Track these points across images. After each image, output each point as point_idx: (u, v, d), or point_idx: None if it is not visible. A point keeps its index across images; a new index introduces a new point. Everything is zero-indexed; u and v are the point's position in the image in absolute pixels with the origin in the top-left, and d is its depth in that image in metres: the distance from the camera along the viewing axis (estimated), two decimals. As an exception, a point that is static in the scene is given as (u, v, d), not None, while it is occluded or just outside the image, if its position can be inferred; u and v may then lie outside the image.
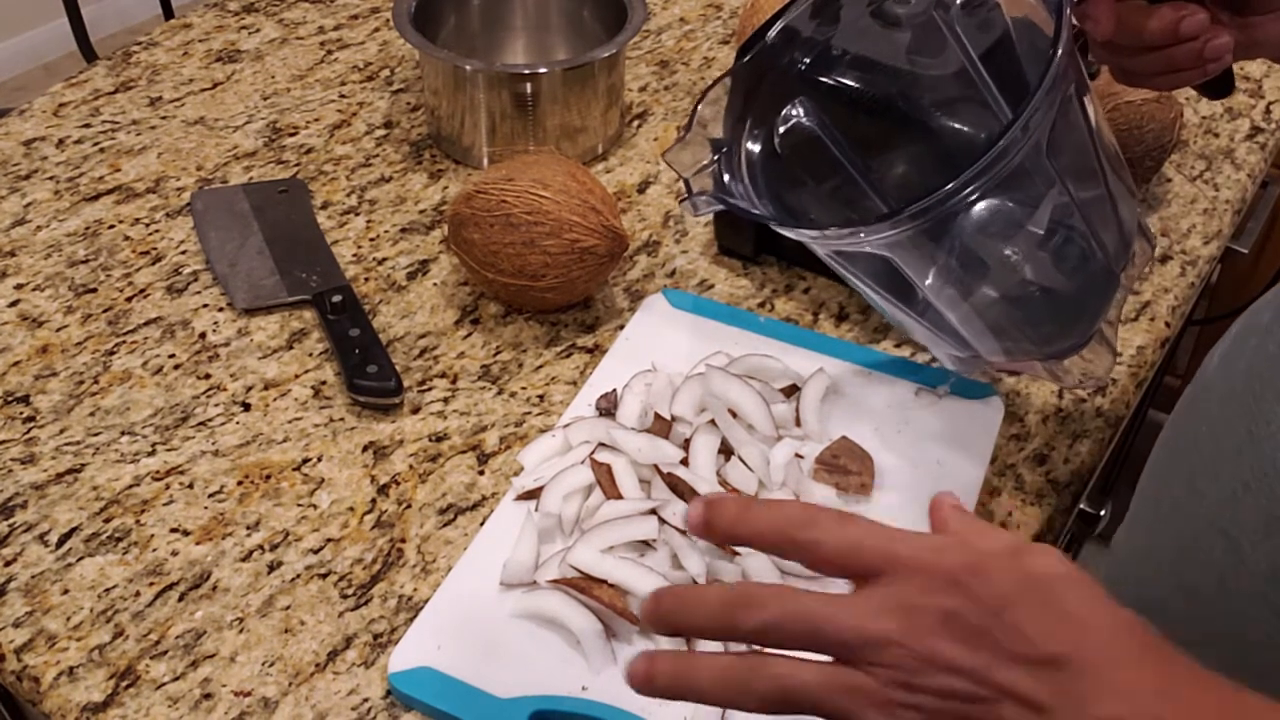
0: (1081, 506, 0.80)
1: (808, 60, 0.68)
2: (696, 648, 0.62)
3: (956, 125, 0.67)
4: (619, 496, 0.69)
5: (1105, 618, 0.39)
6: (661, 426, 0.73)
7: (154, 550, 0.71)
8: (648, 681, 0.42)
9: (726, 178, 0.62)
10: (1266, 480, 0.47)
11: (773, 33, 0.67)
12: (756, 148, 0.65)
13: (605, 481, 0.70)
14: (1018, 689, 0.38)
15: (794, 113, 0.67)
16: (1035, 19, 0.57)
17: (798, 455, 0.72)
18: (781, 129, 0.66)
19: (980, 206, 0.55)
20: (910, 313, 0.65)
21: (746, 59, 0.67)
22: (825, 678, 0.39)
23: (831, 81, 0.68)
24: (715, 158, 0.62)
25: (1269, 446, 0.48)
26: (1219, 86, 0.61)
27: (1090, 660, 0.37)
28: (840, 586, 0.42)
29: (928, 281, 0.60)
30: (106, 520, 0.72)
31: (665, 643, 0.63)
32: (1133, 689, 0.37)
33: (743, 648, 0.45)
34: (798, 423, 0.75)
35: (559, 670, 0.63)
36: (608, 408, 0.76)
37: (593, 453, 0.72)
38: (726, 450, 0.73)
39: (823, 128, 0.68)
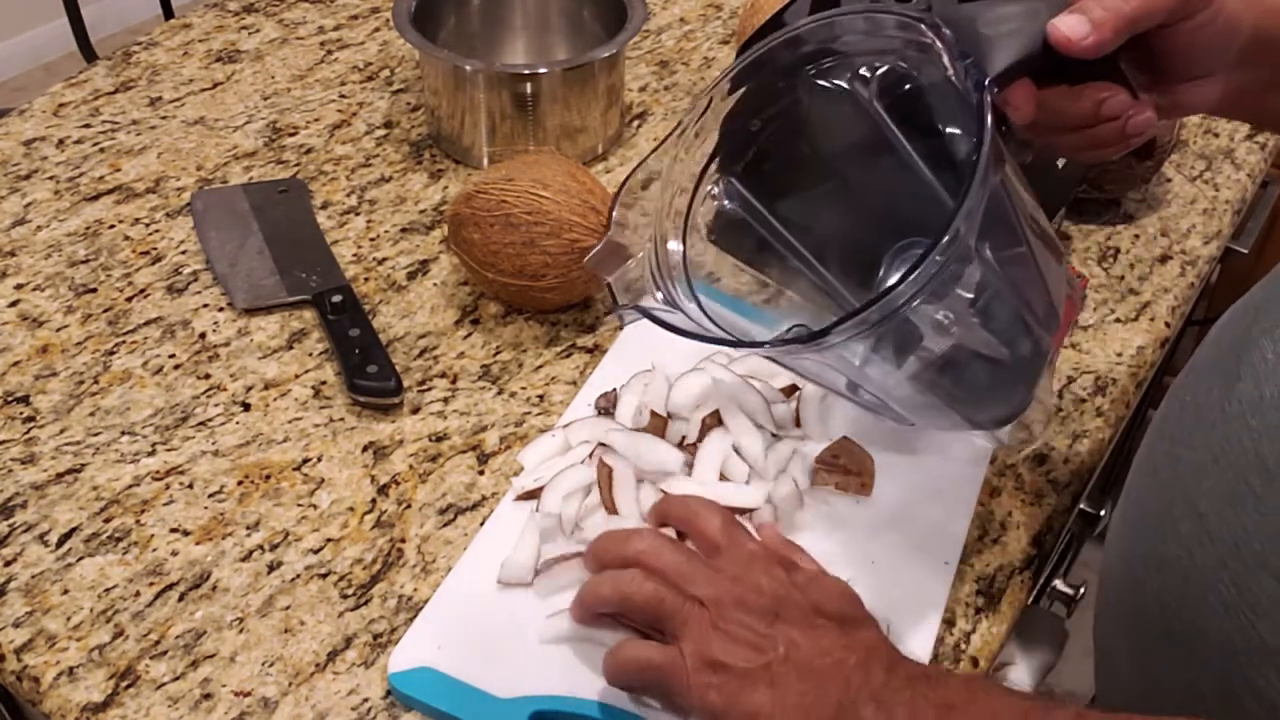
0: (1081, 506, 0.80)
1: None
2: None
3: (887, 185, 0.66)
4: (613, 505, 0.69)
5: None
6: (657, 424, 0.73)
7: (154, 550, 0.71)
8: (577, 606, 0.63)
9: (657, 293, 0.61)
10: (1232, 454, 0.49)
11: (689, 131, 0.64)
12: (676, 246, 0.64)
13: (604, 485, 0.70)
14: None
15: (714, 191, 0.65)
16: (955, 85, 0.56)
17: (796, 453, 0.72)
18: (705, 218, 0.65)
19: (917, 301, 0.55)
20: (851, 397, 0.65)
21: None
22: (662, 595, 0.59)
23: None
24: (640, 256, 0.61)
25: (1237, 424, 0.49)
26: (1140, 150, 0.61)
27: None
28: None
29: (864, 371, 0.61)
30: (106, 520, 0.72)
31: None
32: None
33: None
34: (797, 422, 0.75)
35: (559, 670, 0.63)
36: (607, 407, 0.76)
37: (593, 452, 0.72)
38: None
39: (746, 208, 0.66)
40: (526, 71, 0.98)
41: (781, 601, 0.58)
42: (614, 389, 0.77)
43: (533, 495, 0.71)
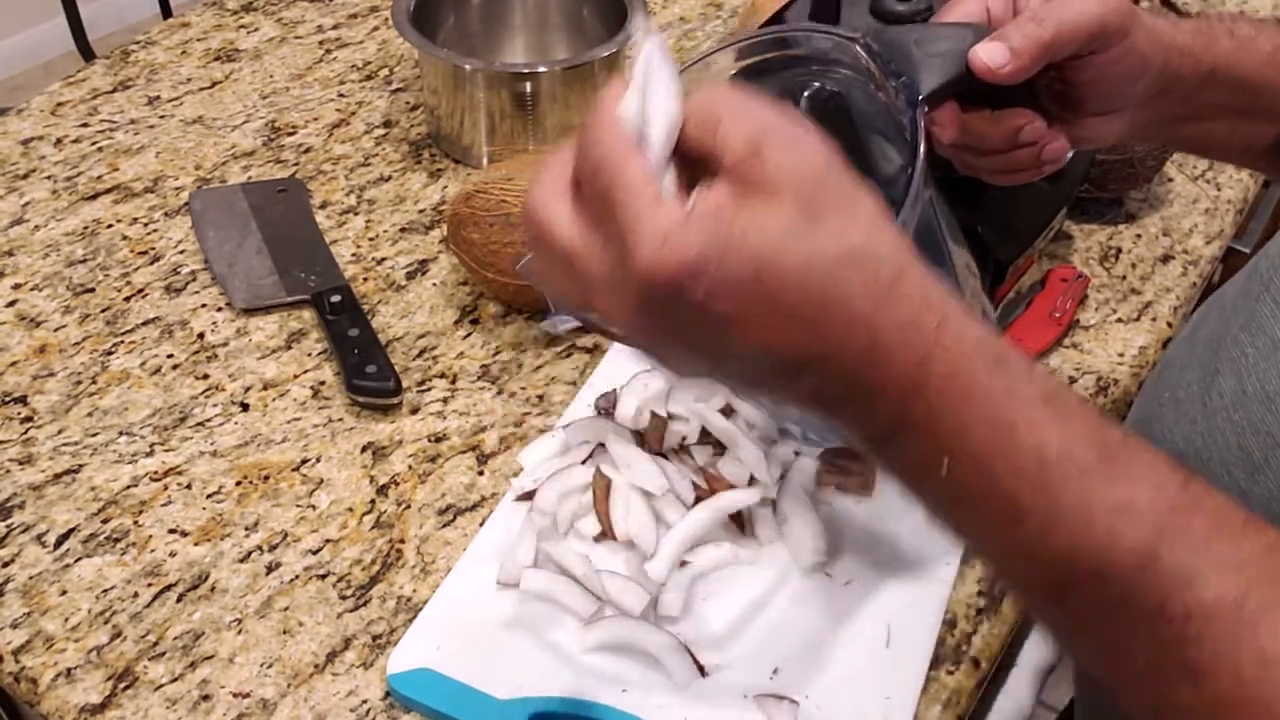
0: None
1: None
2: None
3: None
4: (608, 516, 0.68)
5: (848, 301, 0.38)
6: (658, 424, 0.73)
7: (152, 551, 0.70)
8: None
9: None
10: (1214, 448, 0.50)
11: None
12: None
13: (600, 497, 0.69)
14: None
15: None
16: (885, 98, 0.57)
17: (796, 454, 0.72)
18: None
19: None
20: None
21: None
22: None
23: None
24: None
25: (1219, 418, 0.50)
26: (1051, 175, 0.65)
27: (820, 361, 0.38)
28: None
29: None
30: (104, 521, 0.72)
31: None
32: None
33: None
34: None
35: (558, 672, 0.63)
36: (607, 408, 0.76)
37: (590, 457, 0.72)
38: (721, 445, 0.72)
39: None
40: (526, 71, 0.97)
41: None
42: (614, 389, 0.77)
43: (532, 496, 0.71)
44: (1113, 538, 0.37)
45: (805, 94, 0.61)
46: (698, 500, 0.69)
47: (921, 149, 0.51)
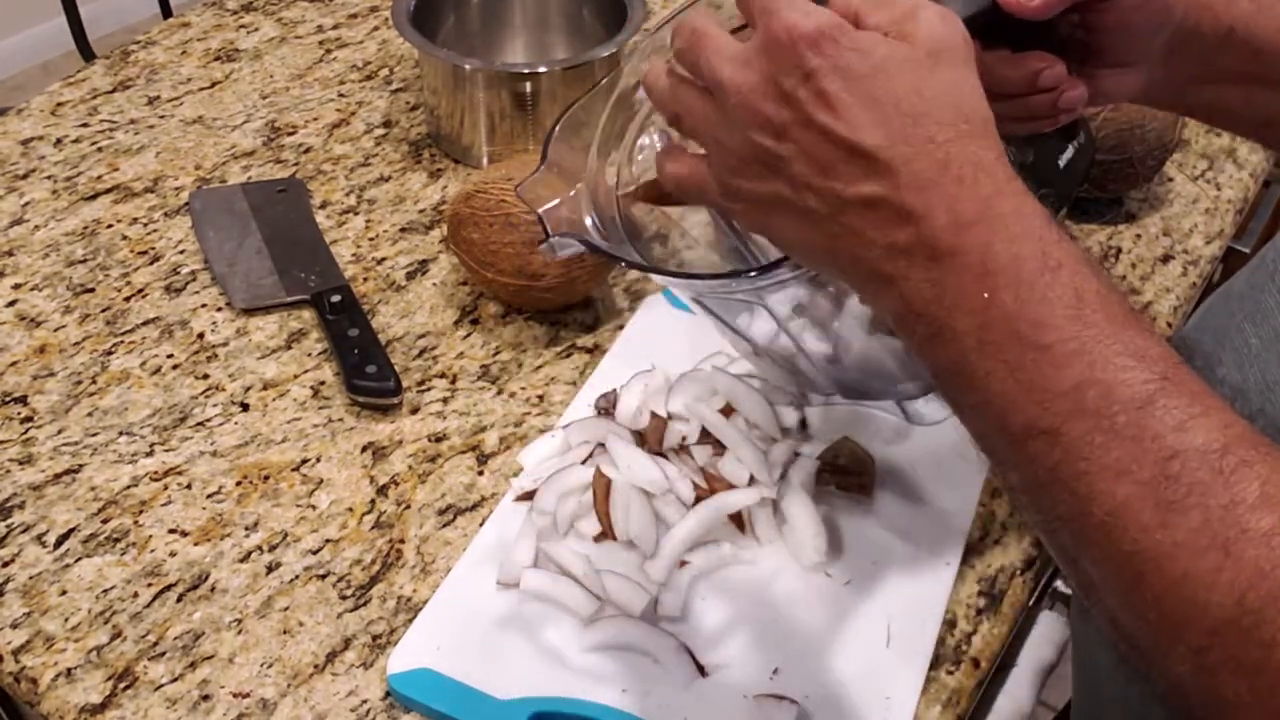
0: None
1: None
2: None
3: None
4: (608, 517, 0.69)
5: (936, 125, 0.43)
6: (658, 424, 0.73)
7: (152, 551, 0.70)
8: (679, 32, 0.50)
9: (588, 219, 0.61)
10: None
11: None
12: (614, 180, 0.64)
13: (600, 496, 0.69)
14: (811, 153, 0.44)
15: (647, 142, 0.66)
16: None
17: (796, 454, 0.72)
18: (639, 156, 0.65)
19: None
20: (774, 357, 0.66)
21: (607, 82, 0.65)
22: (693, 96, 0.49)
23: None
24: (571, 193, 0.61)
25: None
26: (1065, 129, 0.66)
27: (893, 166, 0.43)
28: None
29: (793, 326, 0.63)
30: (104, 521, 0.72)
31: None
32: (924, 210, 0.42)
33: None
34: (802, 424, 0.75)
35: (559, 672, 0.63)
36: (607, 408, 0.76)
37: (590, 457, 0.72)
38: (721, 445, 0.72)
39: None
40: (526, 70, 0.97)
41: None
42: (614, 389, 0.77)
43: (532, 496, 0.71)
44: (1124, 374, 0.40)
45: None
46: (698, 500, 0.69)
47: None
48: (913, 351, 0.45)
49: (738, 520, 0.70)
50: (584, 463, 0.71)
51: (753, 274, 0.54)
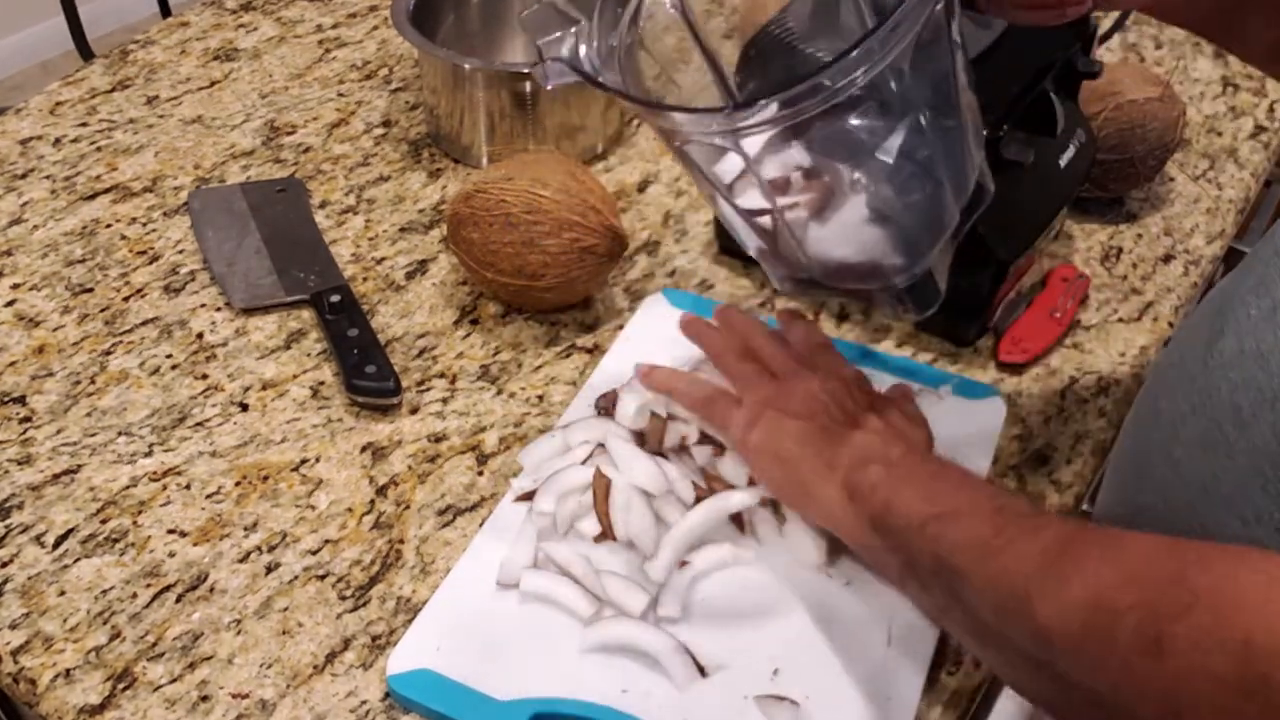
0: (1085, 508, 0.80)
1: None
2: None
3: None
4: (608, 517, 0.68)
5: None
6: (657, 425, 0.73)
7: (151, 551, 0.70)
8: (648, 375, 0.73)
9: (583, 49, 0.61)
10: (1209, 404, 0.53)
11: None
12: (617, 31, 0.64)
13: (600, 496, 0.69)
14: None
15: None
16: None
17: None
18: (644, 20, 0.66)
19: (838, 124, 0.56)
20: (757, 226, 0.67)
21: None
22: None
23: None
24: (573, 30, 0.61)
25: (1217, 375, 0.53)
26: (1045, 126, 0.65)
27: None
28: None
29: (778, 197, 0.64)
30: (103, 521, 0.72)
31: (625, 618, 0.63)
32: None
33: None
34: None
35: (558, 672, 0.63)
36: (607, 407, 0.76)
37: (590, 457, 0.71)
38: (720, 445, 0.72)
39: (689, 23, 0.69)
40: (526, 70, 0.97)
41: (838, 396, 0.68)
42: (614, 389, 0.77)
43: (532, 496, 0.71)
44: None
45: None
46: (698, 500, 0.69)
47: None
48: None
49: (738, 521, 0.70)
50: (583, 463, 0.71)
51: (730, 109, 0.55)
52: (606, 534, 0.68)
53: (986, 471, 0.74)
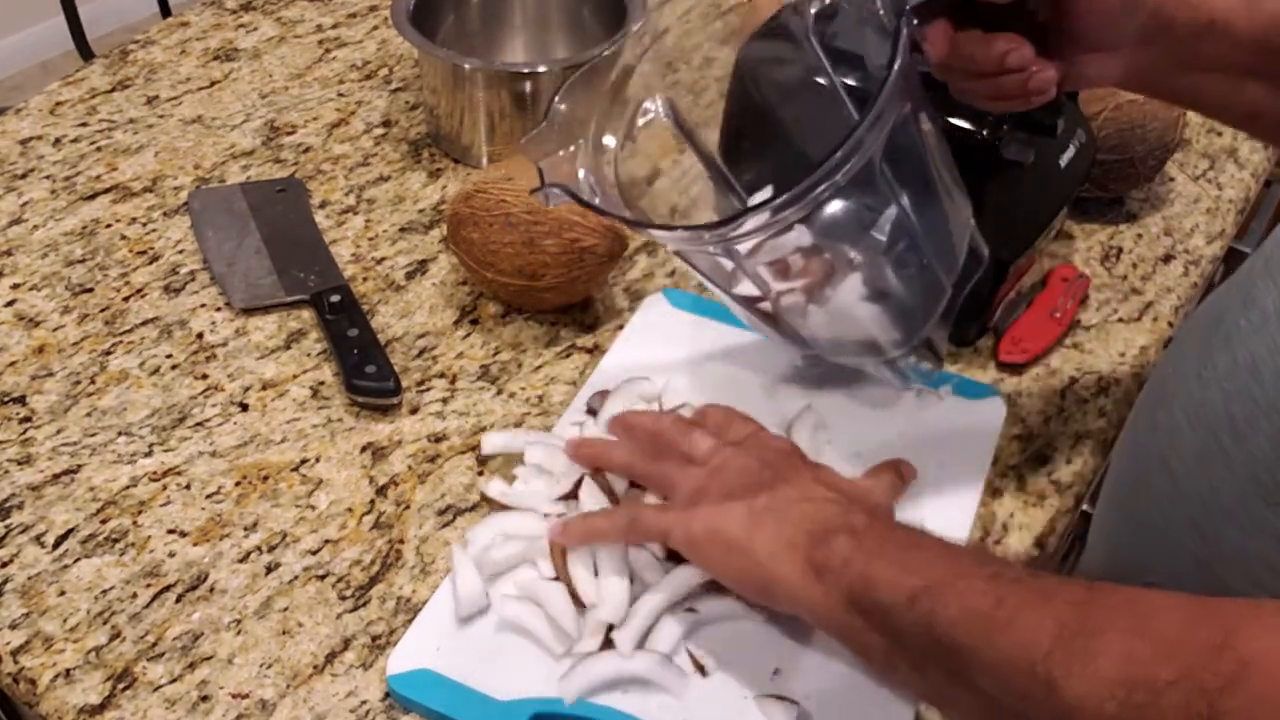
0: (1084, 508, 0.80)
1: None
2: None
3: (814, 134, 0.70)
4: (569, 581, 0.65)
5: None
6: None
7: (151, 551, 0.70)
8: (562, 534, 0.65)
9: (581, 172, 0.62)
10: (1205, 416, 0.53)
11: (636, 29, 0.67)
12: (612, 142, 0.65)
13: (559, 563, 0.66)
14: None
15: (651, 107, 0.68)
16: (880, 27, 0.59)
17: None
18: (641, 121, 0.67)
19: (824, 214, 0.57)
20: (759, 311, 0.68)
21: (610, 49, 0.67)
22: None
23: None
24: (572, 149, 0.62)
25: (1212, 388, 0.53)
26: (1047, 126, 0.65)
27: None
28: None
29: (772, 287, 0.65)
30: (103, 521, 0.72)
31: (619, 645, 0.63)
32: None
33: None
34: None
35: (558, 673, 0.63)
36: (596, 409, 0.76)
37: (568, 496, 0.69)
38: None
39: (680, 127, 0.70)
40: (526, 70, 0.97)
41: (776, 467, 0.63)
42: (607, 389, 0.77)
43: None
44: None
45: (812, 9, 0.65)
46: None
47: (899, 53, 0.52)
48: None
49: None
50: (561, 497, 0.69)
51: (714, 227, 0.55)
52: (574, 601, 0.64)
53: (987, 471, 0.74)
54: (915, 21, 0.55)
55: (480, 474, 0.75)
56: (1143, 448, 0.58)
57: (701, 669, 0.63)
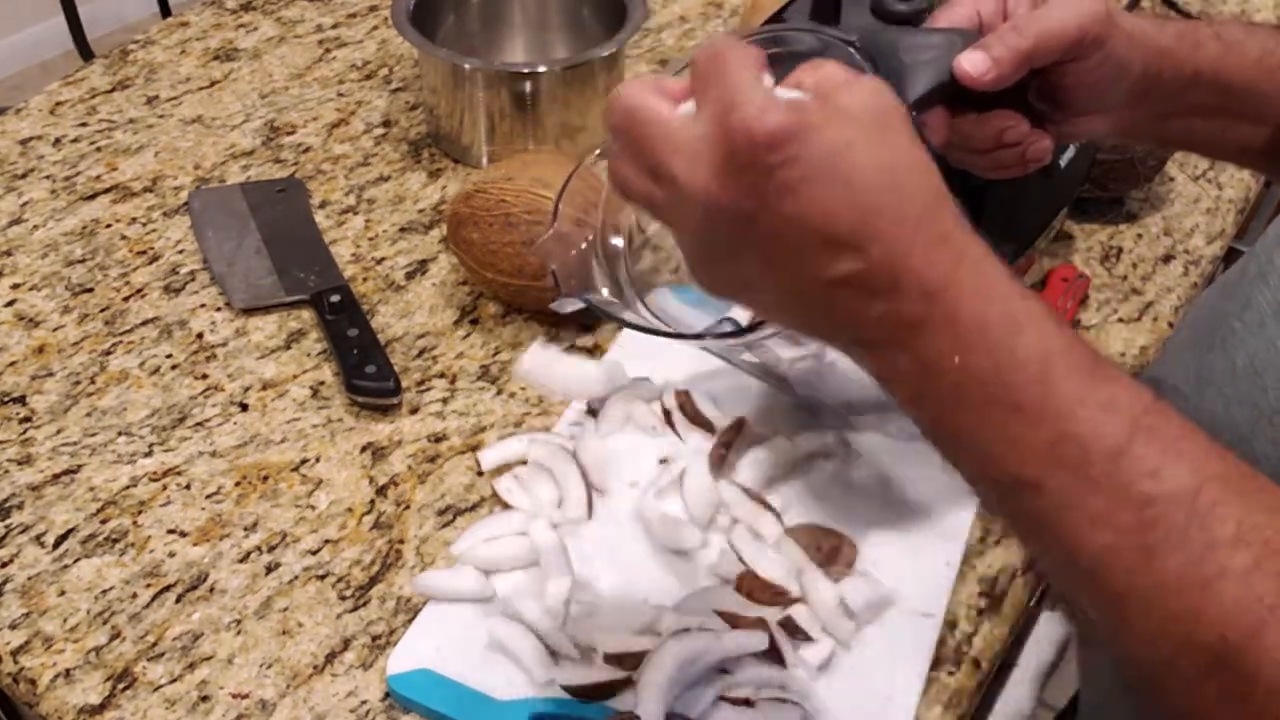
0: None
1: None
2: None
3: None
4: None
5: (899, 199, 0.43)
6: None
7: (151, 551, 0.70)
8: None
9: (596, 270, 0.62)
10: (1205, 422, 0.52)
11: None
12: (620, 242, 0.65)
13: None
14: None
15: None
16: None
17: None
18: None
19: None
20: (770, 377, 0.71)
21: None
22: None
23: None
24: (584, 246, 0.62)
25: (1210, 392, 0.53)
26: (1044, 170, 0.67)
27: (864, 246, 0.42)
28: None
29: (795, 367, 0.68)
30: (103, 521, 0.72)
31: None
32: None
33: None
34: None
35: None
36: (595, 408, 0.76)
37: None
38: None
39: None
40: (526, 70, 0.97)
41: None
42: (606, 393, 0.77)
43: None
44: (1096, 427, 0.41)
45: None
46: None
47: None
48: (899, 406, 0.46)
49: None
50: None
51: (730, 335, 0.55)
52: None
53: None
54: (915, 113, 0.57)
55: (480, 474, 0.75)
56: None
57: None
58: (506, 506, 0.71)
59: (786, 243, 0.42)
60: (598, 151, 0.62)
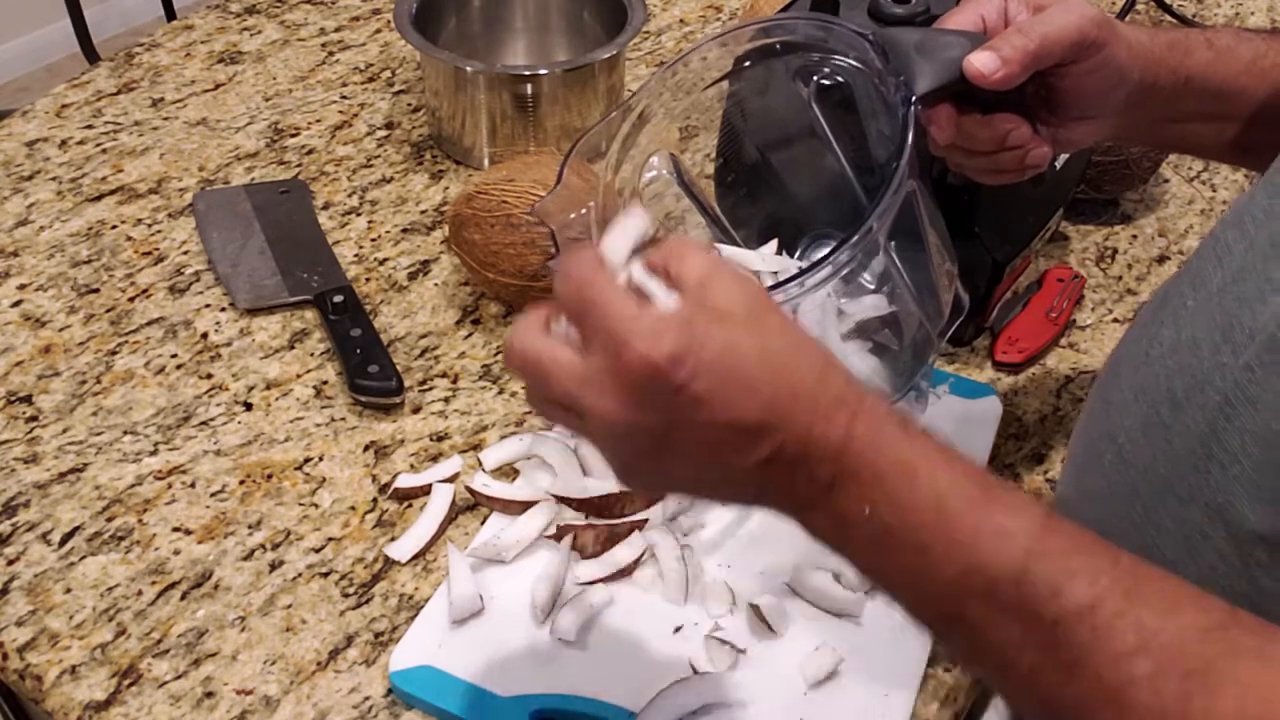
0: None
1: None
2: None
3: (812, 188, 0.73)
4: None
5: (793, 374, 0.45)
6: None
7: (156, 549, 0.71)
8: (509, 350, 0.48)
9: (595, 235, 0.63)
10: (1149, 391, 0.55)
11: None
12: (625, 197, 0.66)
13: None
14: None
15: (656, 161, 0.69)
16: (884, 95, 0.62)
17: None
18: (648, 175, 0.68)
19: (829, 286, 0.59)
20: None
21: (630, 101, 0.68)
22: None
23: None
24: (584, 211, 0.63)
25: (1156, 364, 0.55)
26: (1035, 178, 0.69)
27: (775, 427, 0.44)
28: None
29: None
30: (109, 519, 0.72)
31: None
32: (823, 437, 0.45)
33: None
34: None
35: (559, 669, 0.63)
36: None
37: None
38: None
39: (684, 185, 0.72)
40: (527, 73, 0.98)
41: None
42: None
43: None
44: (995, 555, 0.43)
45: (815, 79, 0.66)
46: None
47: (908, 144, 0.56)
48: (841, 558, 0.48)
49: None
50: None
51: None
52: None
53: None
54: (920, 107, 0.58)
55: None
56: (1095, 424, 0.60)
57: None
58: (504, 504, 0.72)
59: (706, 443, 0.45)
60: (609, 116, 0.66)
